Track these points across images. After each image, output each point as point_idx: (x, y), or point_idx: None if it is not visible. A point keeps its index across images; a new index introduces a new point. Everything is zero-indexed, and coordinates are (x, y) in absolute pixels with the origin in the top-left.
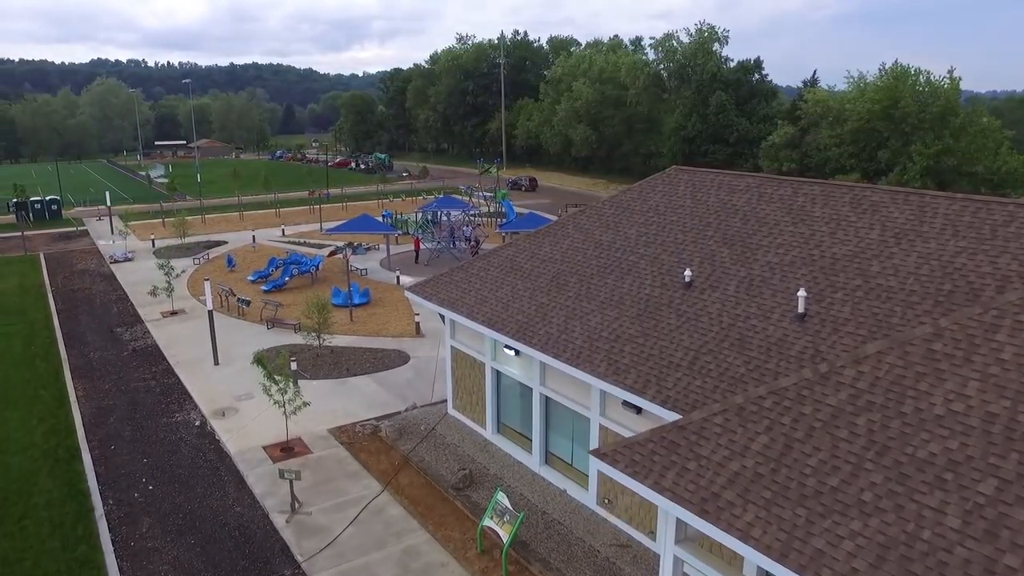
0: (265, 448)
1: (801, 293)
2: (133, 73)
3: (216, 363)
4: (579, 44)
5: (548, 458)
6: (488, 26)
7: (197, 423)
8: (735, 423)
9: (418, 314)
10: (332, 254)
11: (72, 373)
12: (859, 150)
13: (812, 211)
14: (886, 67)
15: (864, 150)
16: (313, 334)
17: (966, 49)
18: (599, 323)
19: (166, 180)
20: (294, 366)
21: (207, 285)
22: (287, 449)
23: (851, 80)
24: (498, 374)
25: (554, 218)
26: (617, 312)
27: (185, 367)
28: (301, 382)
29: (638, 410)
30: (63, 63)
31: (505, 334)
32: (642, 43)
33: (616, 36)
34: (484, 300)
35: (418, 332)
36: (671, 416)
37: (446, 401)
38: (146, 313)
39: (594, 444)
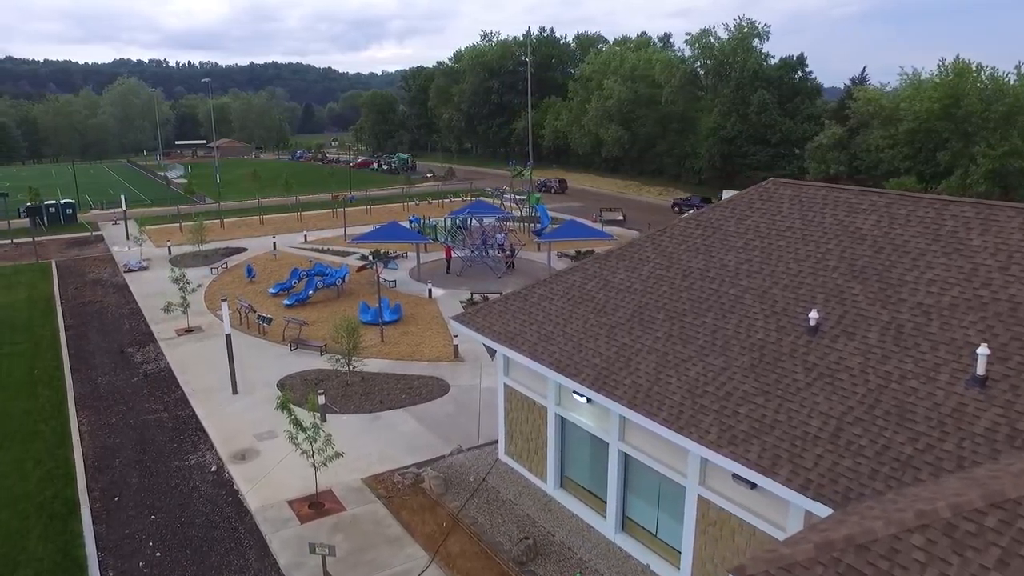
0: (291, 503)
1: (982, 350)
2: (155, 73)
3: (235, 392)
4: (606, 41)
5: (626, 524)
6: (506, 25)
7: (213, 468)
8: (945, 547)
9: (457, 335)
10: (361, 268)
11: (77, 403)
12: (915, 152)
13: (968, 239)
14: (945, 63)
15: (920, 152)
16: (341, 359)
17: (991, 45)
18: (700, 374)
19: (184, 181)
20: (322, 400)
21: (224, 306)
22: (316, 505)
23: (905, 77)
24: (563, 420)
25: (591, 223)
26: (723, 361)
27: (200, 396)
28: (330, 417)
29: (752, 484)
30: (86, 63)
31: (580, 382)
32: (671, 39)
33: (644, 33)
34: (550, 337)
35: (456, 356)
36: (811, 505)
37: (496, 443)
38: (160, 330)
39: (690, 516)
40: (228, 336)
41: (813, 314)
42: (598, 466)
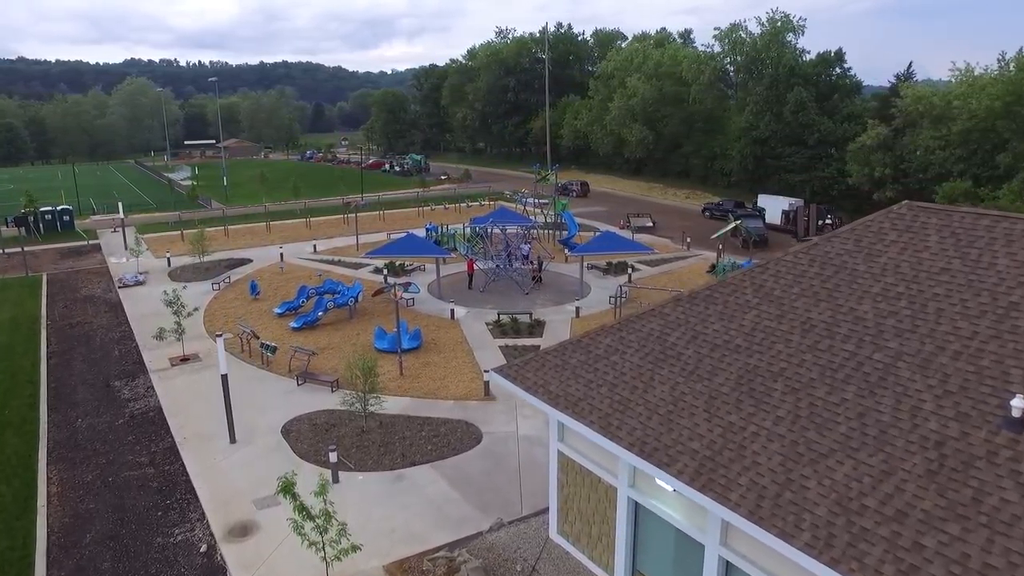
0: None
1: None
2: (165, 72)
3: (232, 440)
4: (625, 37)
5: None
6: (516, 23)
7: (203, 548)
8: None
9: (488, 371)
10: (377, 293)
11: (49, 455)
12: (969, 153)
13: None
14: (1005, 57)
15: (976, 153)
16: (356, 401)
17: (1013, 41)
18: (852, 478)
19: (191, 183)
20: (333, 457)
21: (220, 342)
22: None
23: (957, 73)
24: (637, 506)
25: (618, 230)
26: (883, 461)
27: (193, 446)
28: (344, 477)
29: None
30: (97, 63)
31: (675, 474)
32: (691, 35)
33: (663, 29)
34: (626, 406)
35: (487, 393)
36: None
37: (544, 512)
38: (152, 358)
39: None
40: (224, 377)
41: (1017, 402)
42: (687, 569)
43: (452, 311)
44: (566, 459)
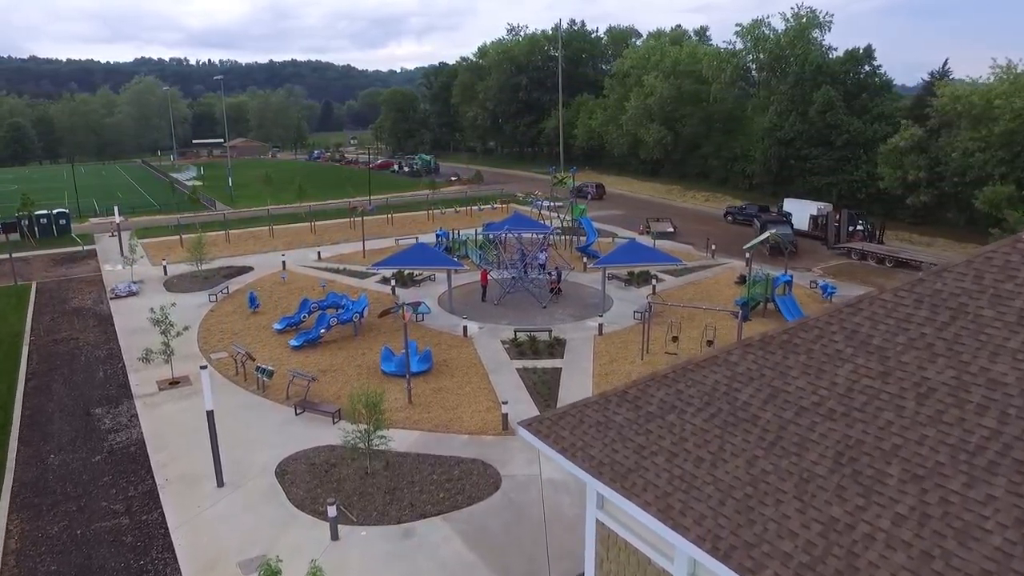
0: None
1: None
2: (175, 71)
3: (220, 484)
4: (640, 35)
5: None
6: (526, 21)
7: None
8: None
9: (506, 402)
10: (384, 314)
11: (12, 500)
12: (1012, 156)
13: None
14: None
15: (1019, 156)
16: (360, 442)
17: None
18: None
19: (199, 183)
20: (332, 511)
21: (204, 375)
22: None
23: (997, 70)
24: None
25: (638, 236)
26: None
27: (175, 490)
28: (344, 533)
29: None
30: (108, 62)
31: None
32: (707, 33)
33: (679, 26)
34: (690, 484)
35: (505, 427)
36: None
37: None
38: (139, 381)
39: None
40: (210, 414)
41: None
42: None
43: (465, 328)
44: (607, 532)
